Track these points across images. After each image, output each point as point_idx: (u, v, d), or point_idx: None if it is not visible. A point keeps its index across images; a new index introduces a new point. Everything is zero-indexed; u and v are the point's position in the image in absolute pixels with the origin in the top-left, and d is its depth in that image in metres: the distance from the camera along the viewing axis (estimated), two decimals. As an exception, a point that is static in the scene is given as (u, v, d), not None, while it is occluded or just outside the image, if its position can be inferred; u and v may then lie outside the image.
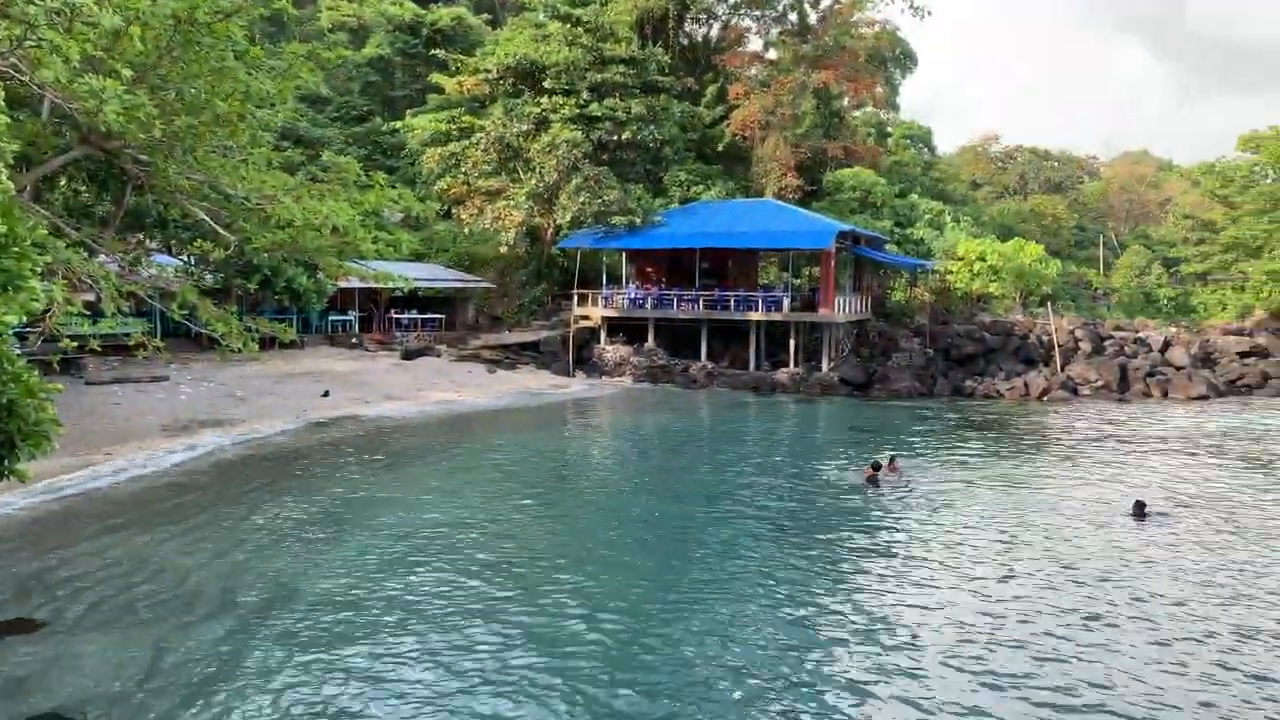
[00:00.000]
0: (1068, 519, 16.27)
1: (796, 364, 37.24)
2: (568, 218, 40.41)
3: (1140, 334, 41.66)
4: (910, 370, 36.50)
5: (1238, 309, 50.04)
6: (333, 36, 56.97)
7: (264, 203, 15.07)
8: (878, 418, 29.41)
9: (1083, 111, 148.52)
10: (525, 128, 41.87)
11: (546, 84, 42.34)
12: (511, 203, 41.42)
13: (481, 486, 18.57)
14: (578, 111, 41.31)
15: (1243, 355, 38.97)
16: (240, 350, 15.52)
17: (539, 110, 41.63)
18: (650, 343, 38.94)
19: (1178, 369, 37.19)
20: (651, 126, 42.77)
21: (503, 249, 43.09)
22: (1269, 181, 59.42)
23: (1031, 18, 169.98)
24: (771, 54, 53.46)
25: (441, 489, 18.08)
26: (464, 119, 46.21)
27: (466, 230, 45.19)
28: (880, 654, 10.31)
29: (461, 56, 50.58)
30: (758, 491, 18.59)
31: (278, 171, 17.59)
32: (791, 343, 37.43)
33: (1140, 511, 16.31)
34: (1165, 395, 34.99)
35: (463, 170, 43.63)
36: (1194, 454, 23.05)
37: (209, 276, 27.40)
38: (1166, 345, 39.40)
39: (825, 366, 37.06)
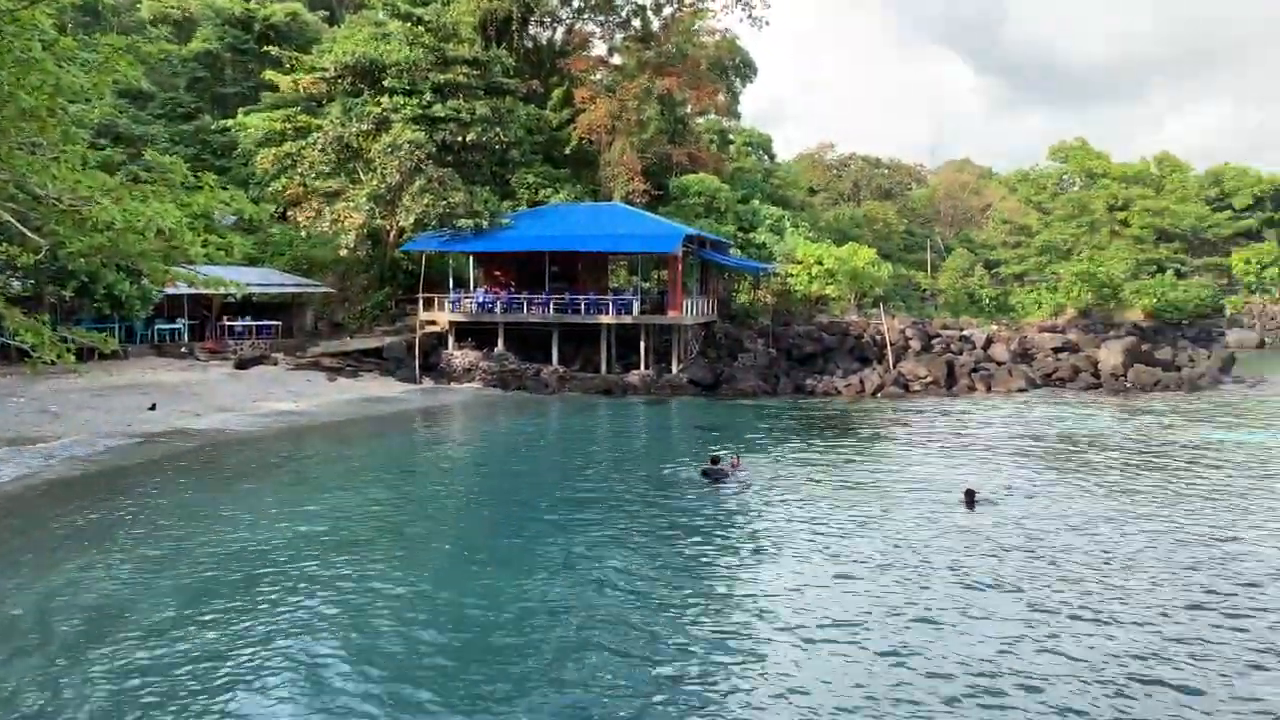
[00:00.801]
0: (903, 508, 17.03)
1: (647, 366, 37.65)
2: (411, 220, 39.48)
3: (965, 332, 44.32)
4: (755, 370, 37.51)
5: (1052, 308, 53.73)
6: (155, 30, 53.80)
7: (79, 204, 14.07)
8: (724, 416, 30.08)
9: (911, 121, 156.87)
10: (365, 128, 40.67)
11: (387, 83, 41.23)
12: (351, 204, 40.14)
13: (321, 500, 17.86)
14: (420, 112, 40.42)
15: (1056, 351, 41.98)
16: (54, 362, 14.45)
17: (380, 110, 40.52)
18: (500, 347, 38.52)
19: (999, 364, 39.71)
20: (497, 128, 42.27)
21: (343, 252, 41.68)
22: (1076, 189, 64.08)
23: (866, 32, 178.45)
24: (616, 59, 53.86)
25: (278, 505, 17.30)
26: (300, 118, 44.49)
27: (304, 233, 43.52)
28: (709, 649, 10.51)
29: (297, 54, 48.66)
30: (601, 490, 18.74)
31: (95, 171, 16.45)
32: (642, 345, 37.81)
33: (971, 500, 17.23)
34: (989, 389, 37.24)
35: (299, 171, 41.96)
36: (1017, 444, 24.60)
37: (16, 283, 25.49)
38: (989, 342, 42.07)
39: (675, 368, 37.61)
